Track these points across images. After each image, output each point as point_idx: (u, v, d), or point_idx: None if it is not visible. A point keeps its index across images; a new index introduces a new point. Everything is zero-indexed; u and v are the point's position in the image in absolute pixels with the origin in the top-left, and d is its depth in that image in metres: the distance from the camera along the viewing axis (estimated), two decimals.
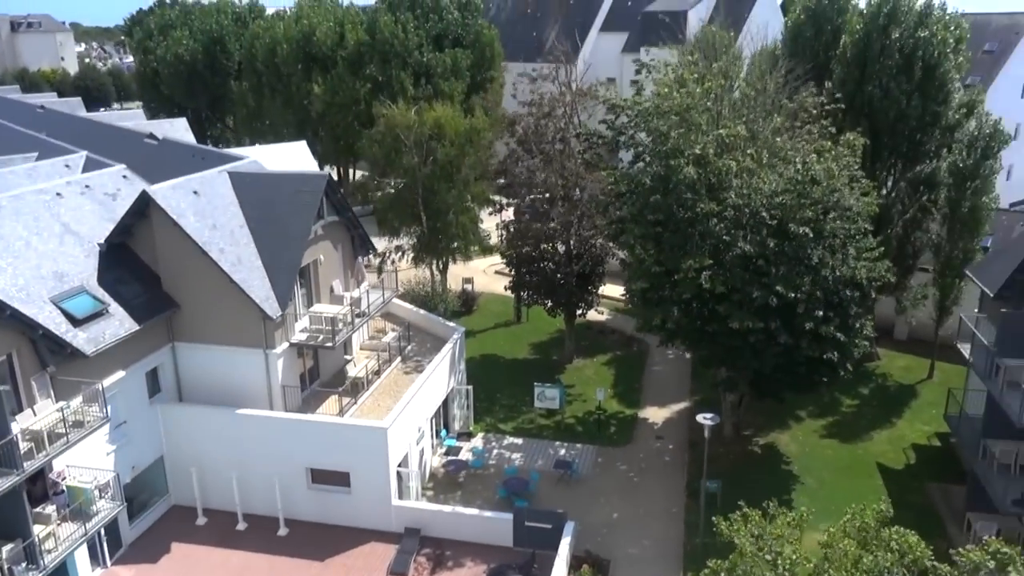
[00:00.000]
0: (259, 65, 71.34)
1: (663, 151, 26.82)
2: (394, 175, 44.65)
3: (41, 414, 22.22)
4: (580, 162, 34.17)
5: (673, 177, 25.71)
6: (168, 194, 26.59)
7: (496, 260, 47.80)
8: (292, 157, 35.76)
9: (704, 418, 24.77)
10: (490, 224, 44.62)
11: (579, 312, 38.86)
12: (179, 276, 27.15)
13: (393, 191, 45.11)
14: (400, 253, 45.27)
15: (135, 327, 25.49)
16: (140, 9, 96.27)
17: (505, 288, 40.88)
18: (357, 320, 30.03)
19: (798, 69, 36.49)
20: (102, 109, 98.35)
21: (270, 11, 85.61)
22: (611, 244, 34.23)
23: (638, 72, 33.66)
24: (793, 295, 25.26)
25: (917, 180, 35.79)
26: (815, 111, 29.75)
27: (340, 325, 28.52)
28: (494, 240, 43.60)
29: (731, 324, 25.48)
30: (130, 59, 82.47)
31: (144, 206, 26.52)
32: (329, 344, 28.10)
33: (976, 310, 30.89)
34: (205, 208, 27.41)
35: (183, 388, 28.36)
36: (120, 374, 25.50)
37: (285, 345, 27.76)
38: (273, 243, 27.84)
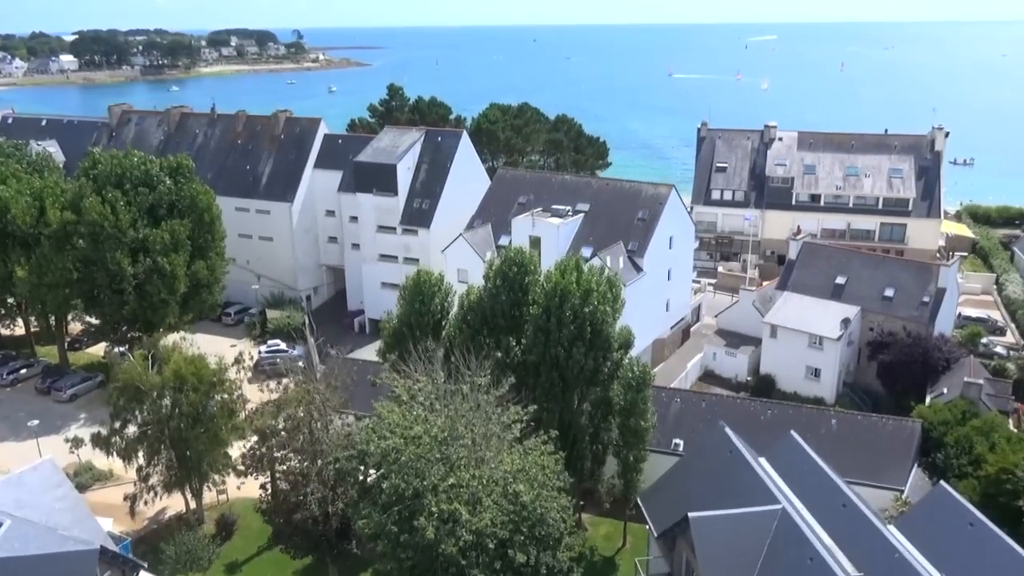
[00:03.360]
0: None
1: (407, 495, 32.91)
2: (138, 423, 45.93)
3: None
4: (332, 472, 39.07)
5: (417, 531, 31.85)
6: None
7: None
8: (42, 479, 36.35)
9: None
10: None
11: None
12: None
13: (137, 435, 46.40)
14: (152, 492, 47.00)
15: None
16: None
17: (261, 499, 43.97)
18: None
19: (499, 319, 44.43)
20: None
21: None
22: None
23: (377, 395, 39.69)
24: None
25: (596, 401, 45.46)
26: (520, 423, 37.27)
27: None
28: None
29: None
30: None
31: None
32: None
33: (650, 533, 40.89)
34: None
35: None
36: None
37: None
38: None
